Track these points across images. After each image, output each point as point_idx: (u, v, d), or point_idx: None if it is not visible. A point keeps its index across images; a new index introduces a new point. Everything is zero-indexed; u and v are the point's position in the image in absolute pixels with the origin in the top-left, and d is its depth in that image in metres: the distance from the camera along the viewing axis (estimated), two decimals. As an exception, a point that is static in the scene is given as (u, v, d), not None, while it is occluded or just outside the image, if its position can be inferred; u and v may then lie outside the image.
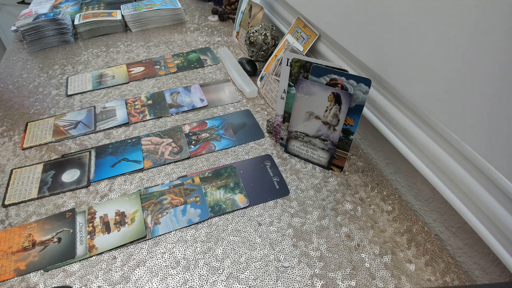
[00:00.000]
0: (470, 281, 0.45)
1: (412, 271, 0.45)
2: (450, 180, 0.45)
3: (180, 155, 0.63)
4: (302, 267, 0.46)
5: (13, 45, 1.05)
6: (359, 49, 0.57)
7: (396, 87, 0.50)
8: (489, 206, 0.39)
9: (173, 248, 0.48)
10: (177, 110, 0.74)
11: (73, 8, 1.18)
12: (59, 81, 0.85)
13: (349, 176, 0.58)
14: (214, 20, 1.14)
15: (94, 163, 0.62)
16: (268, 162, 0.61)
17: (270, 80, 0.73)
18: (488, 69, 0.36)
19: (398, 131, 0.53)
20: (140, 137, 0.67)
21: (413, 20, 0.44)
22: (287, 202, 0.54)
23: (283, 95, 0.57)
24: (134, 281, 0.45)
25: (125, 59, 0.93)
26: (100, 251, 0.48)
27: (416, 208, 0.56)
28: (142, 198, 0.55)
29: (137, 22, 1.08)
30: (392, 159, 0.59)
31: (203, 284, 0.44)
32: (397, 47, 0.48)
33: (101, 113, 0.73)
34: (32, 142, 0.67)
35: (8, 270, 0.46)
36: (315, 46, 0.72)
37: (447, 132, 0.43)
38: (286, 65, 0.53)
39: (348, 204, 0.54)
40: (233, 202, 0.54)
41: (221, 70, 0.88)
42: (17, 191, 0.57)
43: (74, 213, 0.53)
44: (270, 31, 0.79)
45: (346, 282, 0.44)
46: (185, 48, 0.98)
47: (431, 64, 0.43)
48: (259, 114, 0.72)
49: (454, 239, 0.49)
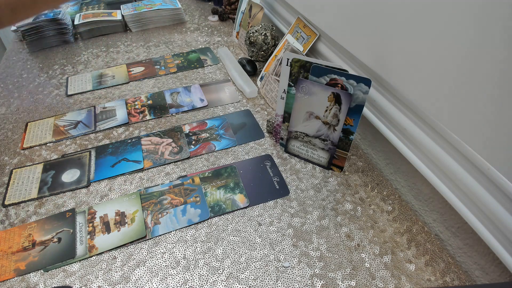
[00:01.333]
0: (470, 281, 0.45)
1: (412, 271, 0.45)
2: (450, 180, 0.45)
3: (180, 155, 0.63)
4: (302, 267, 0.46)
5: (13, 45, 1.05)
6: (359, 49, 0.57)
7: (396, 87, 0.50)
8: (489, 206, 0.39)
9: (173, 248, 0.48)
10: (177, 110, 0.74)
11: (73, 8, 1.18)
12: (59, 81, 0.85)
13: (349, 176, 0.58)
14: (214, 20, 1.14)
15: (94, 163, 0.62)
16: (268, 162, 0.61)
17: (270, 80, 0.73)
18: (488, 69, 0.36)
19: (398, 131, 0.53)
20: (140, 137, 0.67)
21: (413, 20, 0.44)
22: (287, 202, 0.54)
23: (283, 95, 0.57)
24: (134, 281, 0.45)
25: (125, 59, 0.93)
26: (100, 251, 0.48)
27: (416, 208, 0.56)
28: (142, 198, 0.55)
29: (137, 22, 1.08)
30: (392, 159, 0.59)
31: (203, 284, 0.44)
32: (397, 47, 0.48)
33: (101, 113, 0.73)
34: (32, 142, 0.67)
35: (8, 270, 0.46)
36: (315, 46, 0.72)
37: (447, 132, 0.43)
38: (286, 65, 0.53)
39: (348, 204, 0.54)
40: (233, 202, 0.54)
41: (221, 70, 0.88)
42: (17, 191, 0.57)
43: (74, 213, 0.53)
44: (270, 31, 0.79)
45: (346, 282, 0.44)
46: (185, 48, 0.98)
47: (431, 64, 0.43)
48: (259, 114, 0.72)
49: (454, 239, 0.49)
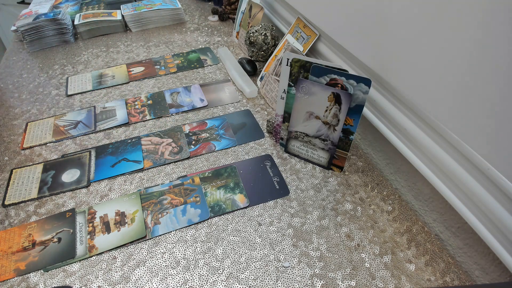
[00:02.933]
0: (470, 281, 0.45)
1: (412, 271, 0.45)
2: (450, 180, 0.45)
3: (180, 155, 0.63)
4: (302, 267, 0.46)
5: (13, 45, 1.05)
6: (359, 49, 0.57)
7: (396, 87, 0.50)
8: (489, 206, 0.39)
9: (173, 248, 0.48)
10: (177, 110, 0.74)
11: (73, 8, 1.18)
12: (59, 81, 0.85)
13: (349, 176, 0.58)
14: (214, 20, 1.14)
15: (94, 163, 0.62)
16: (268, 162, 0.61)
17: (270, 80, 0.73)
18: (488, 69, 0.36)
19: (398, 131, 0.53)
20: (140, 137, 0.67)
21: (413, 20, 0.44)
22: (287, 202, 0.54)
23: (283, 95, 0.57)
24: (134, 281, 0.45)
25: (125, 59, 0.93)
26: (100, 251, 0.48)
27: (416, 208, 0.56)
28: (142, 198, 0.55)
29: (137, 22, 1.08)
30: (392, 159, 0.59)
31: (203, 284, 0.44)
32: (397, 47, 0.48)
33: (101, 113, 0.73)
34: (32, 142, 0.67)
35: (8, 270, 0.46)
36: (315, 46, 0.72)
37: (447, 132, 0.43)
38: (286, 65, 0.53)
39: (348, 204, 0.54)
40: (233, 202, 0.54)
41: (221, 70, 0.88)
42: (17, 191, 0.57)
43: (74, 213, 0.53)
44: (270, 31, 0.79)
45: (346, 282, 0.44)
46: (185, 48, 0.98)
47: (431, 64, 0.43)
48: (259, 114, 0.72)
49: (454, 239, 0.49)
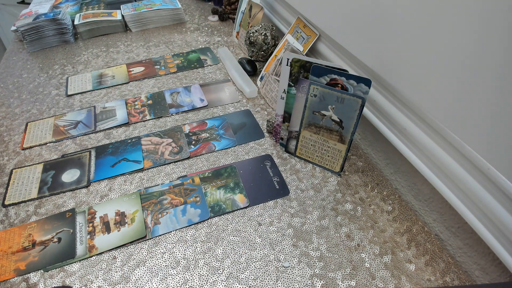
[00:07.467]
0: (470, 281, 0.45)
1: (412, 271, 0.45)
2: (450, 180, 0.45)
3: (180, 155, 0.63)
4: (302, 267, 0.46)
5: (13, 45, 1.05)
6: (359, 49, 0.57)
7: (396, 87, 0.50)
8: (489, 206, 0.39)
9: (173, 248, 0.48)
10: (177, 110, 0.74)
11: (73, 8, 1.18)
12: (59, 81, 0.85)
13: (349, 176, 0.58)
14: (214, 20, 1.14)
15: (94, 163, 0.62)
16: (268, 162, 0.61)
17: (270, 80, 0.73)
18: (488, 69, 0.36)
19: (398, 131, 0.53)
20: (140, 137, 0.67)
21: (413, 20, 0.44)
22: (287, 202, 0.54)
23: (283, 95, 0.57)
24: (134, 281, 0.45)
25: (125, 59, 0.93)
26: (100, 251, 0.48)
27: (416, 208, 0.56)
28: (142, 198, 0.55)
29: (137, 22, 1.08)
30: (392, 159, 0.59)
31: (203, 284, 0.44)
32: (397, 47, 0.48)
33: (101, 113, 0.73)
34: (32, 142, 0.67)
35: (8, 270, 0.46)
36: (315, 46, 0.72)
37: (447, 132, 0.43)
38: (286, 65, 0.53)
39: (348, 204, 0.54)
40: (233, 202, 0.54)
41: (221, 70, 0.88)
42: (17, 191, 0.57)
43: (74, 213, 0.53)
44: (270, 31, 0.79)
45: (346, 282, 0.44)
46: (185, 48, 0.98)
47: (431, 64, 0.43)
48: (259, 114, 0.72)
49: (454, 239, 0.49)
